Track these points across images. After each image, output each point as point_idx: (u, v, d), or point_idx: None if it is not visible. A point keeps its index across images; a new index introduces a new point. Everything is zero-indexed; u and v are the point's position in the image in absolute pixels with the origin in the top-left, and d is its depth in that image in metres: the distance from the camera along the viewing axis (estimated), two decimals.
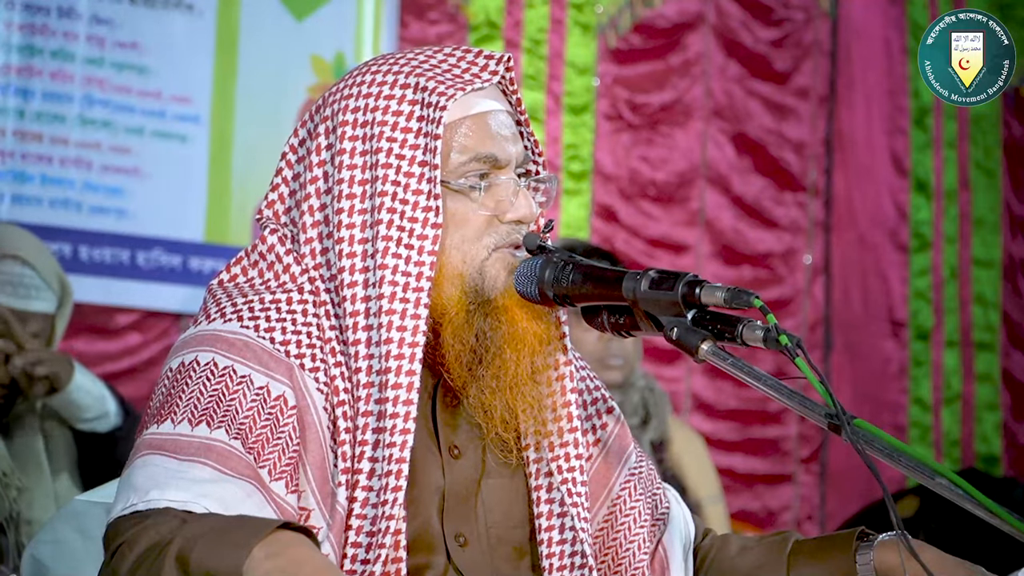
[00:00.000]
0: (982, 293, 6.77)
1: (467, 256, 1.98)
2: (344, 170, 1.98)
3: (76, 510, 2.28)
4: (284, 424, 1.90)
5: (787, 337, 1.82)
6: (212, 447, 1.85)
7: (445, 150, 1.98)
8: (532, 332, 1.99)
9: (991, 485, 5.56)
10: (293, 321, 1.96)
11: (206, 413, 1.87)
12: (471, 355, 1.97)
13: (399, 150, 1.96)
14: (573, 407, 2.06)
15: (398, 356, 1.91)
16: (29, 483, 3.84)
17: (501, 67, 2.03)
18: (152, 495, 1.80)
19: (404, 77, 2.00)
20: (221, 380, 1.90)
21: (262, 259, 2.03)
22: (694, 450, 4.53)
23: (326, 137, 2.01)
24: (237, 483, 1.83)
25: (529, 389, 1.99)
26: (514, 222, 2.00)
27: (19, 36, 4.90)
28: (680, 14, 6.12)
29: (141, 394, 5.01)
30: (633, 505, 2.15)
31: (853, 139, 6.52)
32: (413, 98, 1.98)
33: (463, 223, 1.98)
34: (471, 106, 2.00)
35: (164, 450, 1.85)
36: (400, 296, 1.92)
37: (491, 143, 2.00)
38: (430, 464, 2.00)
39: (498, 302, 1.98)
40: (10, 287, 3.94)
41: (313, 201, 2.00)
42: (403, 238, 1.94)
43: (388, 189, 1.95)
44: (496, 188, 2.00)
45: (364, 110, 1.99)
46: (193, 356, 1.92)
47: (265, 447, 1.88)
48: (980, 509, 1.78)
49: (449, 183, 1.97)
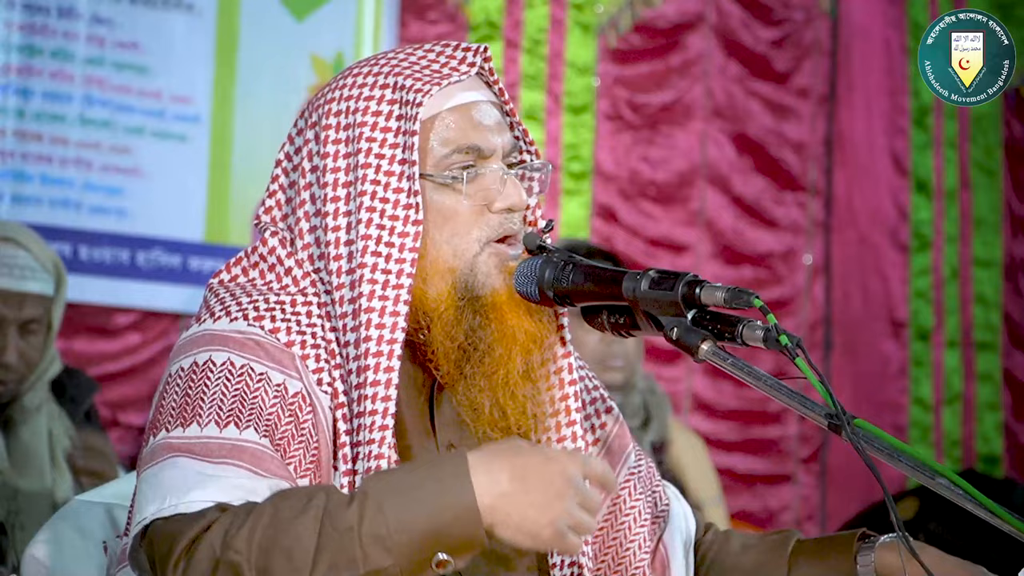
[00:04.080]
0: (983, 293, 6.76)
1: (458, 250, 1.97)
2: (329, 173, 1.99)
3: (76, 510, 2.28)
4: (304, 421, 1.91)
5: (787, 337, 1.82)
6: (244, 448, 1.84)
7: (427, 144, 1.98)
8: (524, 330, 1.98)
9: (990, 486, 5.56)
10: (298, 323, 1.96)
11: (232, 413, 1.86)
12: (460, 353, 1.96)
13: (378, 149, 1.97)
14: (572, 400, 2.05)
15: (376, 354, 1.90)
16: (30, 484, 3.84)
17: (479, 58, 2.03)
18: (193, 495, 1.78)
19: (383, 78, 2.00)
20: (240, 379, 1.89)
21: (263, 260, 2.03)
22: (694, 452, 4.53)
23: (315, 142, 2.02)
24: (273, 483, 1.82)
25: (521, 388, 1.98)
26: (505, 211, 1.99)
27: (19, 36, 4.89)
28: (680, 14, 6.11)
29: (141, 394, 5.01)
30: (633, 504, 2.15)
31: (853, 139, 6.52)
32: (392, 97, 1.98)
33: (452, 216, 1.97)
34: (451, 98, 2.00)
35: (193, 453, 1.83)
36: (379, 294, 1.92)
37: (474, 134, 1.99)
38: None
39: (488, 299, 1.97)
40: (5, 268, 3.94)
41: (308, 207, 2.01)
42: (383, 236, 1.94)
43: (368, 188, 1.95)
44: (482, 178, 1.99)
45: (346, 112, 2.00)
46: (207, 355, 1.91)
47: (291, 444, 1.88)
48: (980, 509, 1.78)
49: (433, 177, 1.97)
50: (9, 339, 3.88)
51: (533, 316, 1.99)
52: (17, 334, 3.89)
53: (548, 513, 1.73)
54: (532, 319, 1.99)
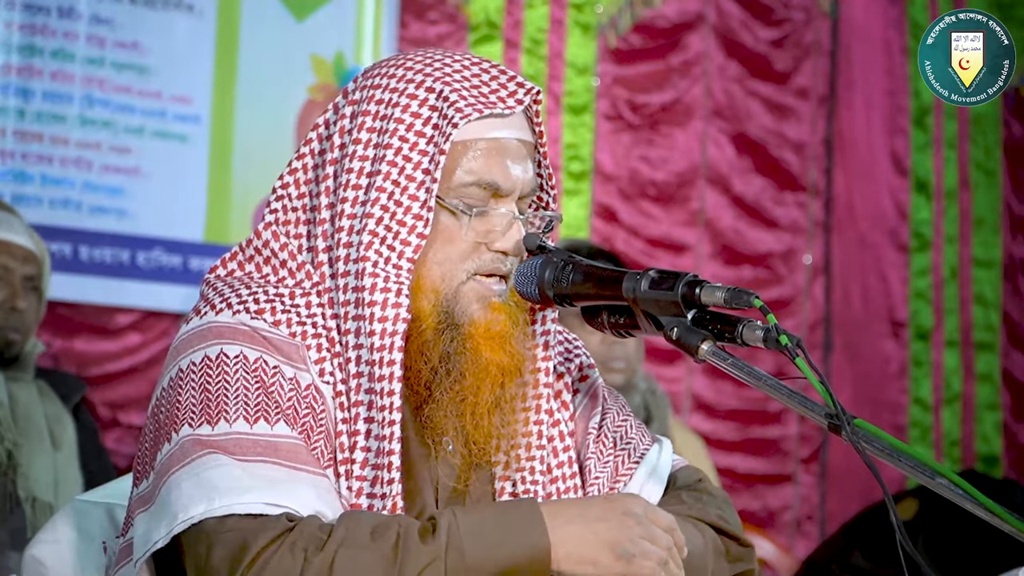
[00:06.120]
0: (982, 293, 6.77)
1: (446, 274, 1.97)
2: (356, 160, 1.98)
3: (76, 510, 2.28)
4: (321, 412, 1.92)
5: (787, 337, 1.82)
6: (279, 445, 1.85)
7: (453, 165, 1.97)
8: (496, 363, 1.98)
9: (990, 487, 5.56)
10: (298, 314, 1.96)
11: (260, 408, 1.86)
12: (431, 374, 1.96)
13: (407, 152, 1.96)
14: (545, 426, 2.06)
15: (380, 348, 1.91)
16: (30, 445, 3.85)
17: (528, 98, 2.01)
18: (248, 497, 1.79)
19: (432, 80, 1.99)
20: (257, 372, 1.89)
21: (258, 254, 2.03)
22: (694, 452, 4.52)
23: (351, 121, 2.01)
24: (309, 479, 1.84)
25: (487, 419, 1.99)
26: (500, 252, 1.99)
27: (19, 36, 4.90)
28: (680, 14, 6.12)
29: (141, 394, 5.01)
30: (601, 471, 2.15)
31: (853, 139, 6.52)
32: (433, 104, 1.97)
33: (450, 241, 1.97)
34: (488, 130, 1.99)
35: (227, 451, 1.83)
36: (381, 287, 1.93)
37: (498, 171, 1.98)
38: (424, 457, 2.01)
39: (465, 329, 1.97)
40: (5, 224, 3.99)
41: (330, 183, 2.01)
42: (387, 238, 1.94)
43: (387, 187, 1.95)
44: (490, 217, 1.99)
45: (387, 104, 1.99)
46: (218, 349, 1.91)
47: (310, 436, 1.90)
48: (980, 509, 1.78)
49: (445, 200, 1.97)
50: (17, 288, 3.94)
51: (509, 351, 1.99)
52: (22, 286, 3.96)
53: (606, 536, 1.81)
54: (507, 353, 1.99)
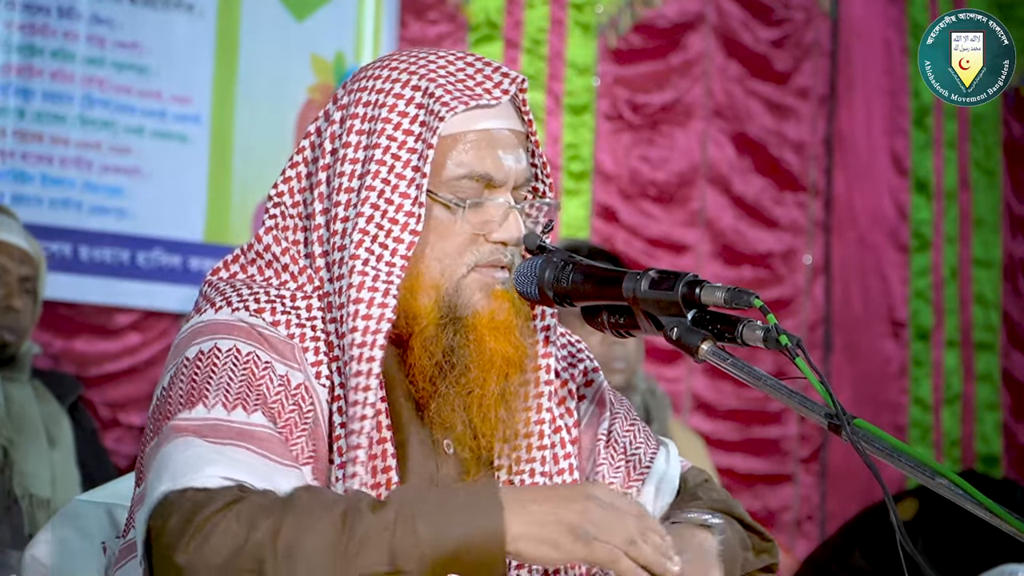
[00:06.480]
0: (982, 293, 6.77)
1: (446, 269, 1.97)
2: (347, 163, 1.98)
3: (76, 510, 2.28)
4: (307, 412, 1.91)
5: (787, 337, 1.82)
6: (253, 432, 1.84)
7: (443, 160, 1.97)
8: (501, 354, 1.97)
9: (990, 487, 5.56)
10: (297, 316, 1.97)
11: (240, 396, 1.86)
12: (435, 369, 1.96)
13: (396, 150, 1.96)
14: (547, 425, 2.05)
15: (360, 344, 1.91)
16: (25, 443, 3.85)
17: (514, 87, 2.01)
18: (207, 471, 1.77)
19: (417, 79, 1.99)
20: (247, 365, 1.89)
21: (259, 257, 2.04)
22: (694, 453, 4.53)
23: (340, 125, 2.02)
24: (282, 469, 1.82)
25: (495, 411, 1.98)
26: (499, 243, 1.99)
27: (19, 36, 4.90)
28: (680, 14, 6.12)
29: (141, 394, 5.01)
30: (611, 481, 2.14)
31: (853, 139, 6.53)
32: (420, 102, 1.97)
33: (446, 235, 1.97)
34: (476, 122, 1.99)
35: (201, 435, 1.82)
36: (369, 285, 1.92)
37: (490, 162, 1.98)
38: (424, 456, 2.00)
39: (469, 320, 1.96)
40: (4, 226, 4.00)
41: (323, 188, 2.01)
42: (379, 236, 1.93)
43: (376, 185, 1.95)
44: (485, 208, 1.99)
45: (374, 105, 1.99)
46: (212, 343, 1.91)
47: (293, 432, 1.89)
48: (980, 509, 1.78)
49: (437, 194, 1.97)
50: (14, 288, 3.94)
51: (513, 341, 1.99)
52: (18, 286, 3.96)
53: (566, 518, 1.75)
54: (512, 344, 1.98)
